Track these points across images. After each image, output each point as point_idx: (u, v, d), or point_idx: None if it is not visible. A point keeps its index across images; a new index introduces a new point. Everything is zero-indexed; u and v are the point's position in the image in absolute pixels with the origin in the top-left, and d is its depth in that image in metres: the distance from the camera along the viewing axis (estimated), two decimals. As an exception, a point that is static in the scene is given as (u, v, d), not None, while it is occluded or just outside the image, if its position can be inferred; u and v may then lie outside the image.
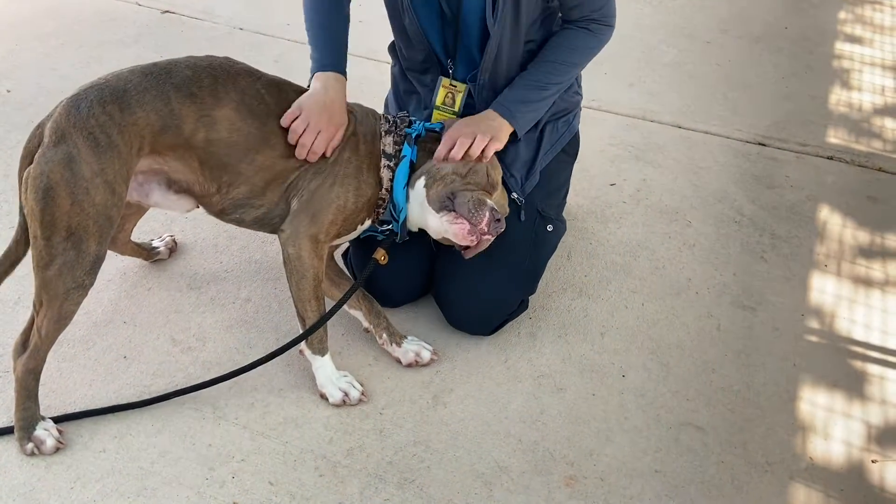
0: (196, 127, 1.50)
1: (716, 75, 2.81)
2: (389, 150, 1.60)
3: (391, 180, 1.59)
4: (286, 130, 1.56)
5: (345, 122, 1.60)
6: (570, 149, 1.88)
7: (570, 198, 2.14)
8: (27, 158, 1.44)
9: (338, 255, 1.86)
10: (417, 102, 1.85)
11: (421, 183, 1.59)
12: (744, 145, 2.44)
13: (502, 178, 1.69)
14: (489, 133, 1.62)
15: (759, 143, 2.44)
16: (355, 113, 1.64)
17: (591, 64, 1.78)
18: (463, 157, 1.59)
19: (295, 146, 1.55)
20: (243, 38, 2.99)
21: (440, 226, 1.57)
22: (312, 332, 1.56)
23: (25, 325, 1.51)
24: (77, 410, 1.54)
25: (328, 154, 1.57)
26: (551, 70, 1.69)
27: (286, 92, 1.61)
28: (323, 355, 1.59)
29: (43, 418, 1.49)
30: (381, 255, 1.62)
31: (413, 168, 1.61)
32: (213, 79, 1.53)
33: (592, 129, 2.47)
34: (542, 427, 1.57)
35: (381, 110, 1.96)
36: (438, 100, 1.76)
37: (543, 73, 1.69)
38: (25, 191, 1.41)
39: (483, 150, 1.60)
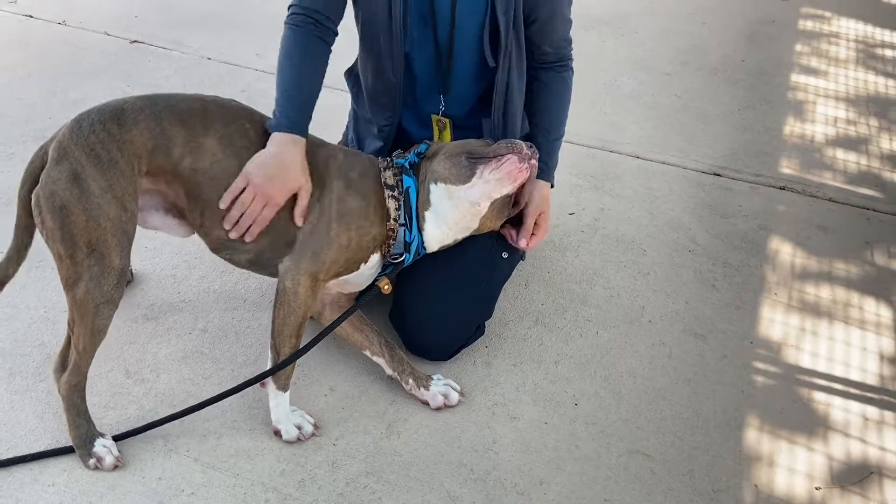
0: (183, 152, 1.51)
1: (674, 107, 2.88)
2: (391, 181, 1.60)
3: (397, 209, 1.59)
4: None
5: (303, 185, 1.54)
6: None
7: (530, 227, 2.19)
8: (28, 180, 1.49)
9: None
10: (377, 133, 1.86)
11: (435, 189, 1.60)
12: (699, 175, 2.50)
13: None
14: (544, 206, 1.77)
15: (715, 174, 2.50)
16: (338, 157, 1.63)
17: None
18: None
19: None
20: (212, 68, 3.02)
21: (483, 190, 1.56)
22: (287, 364, 1.55)
23: (62, 346, 1.57)
24: (31, 453, 1.53)
25: (298, 223, 1.54)
26: (558, 121, 1.83)
27: None
28: (285, 391, 1.59)
29: (101, 435, 1.53)
30: (384, 284, 1.62)
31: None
32: (204, 107, 1.55)
33: (553, 159, 2.52)
34: (494, 456, 1.58)
35: (337, 139, 2.00)
36: (434, 134, 1.83)
37: (553, 127, 1.82)
38: (40, 213, 1.45)
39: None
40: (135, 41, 3.18)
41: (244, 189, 1.52)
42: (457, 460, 1.57)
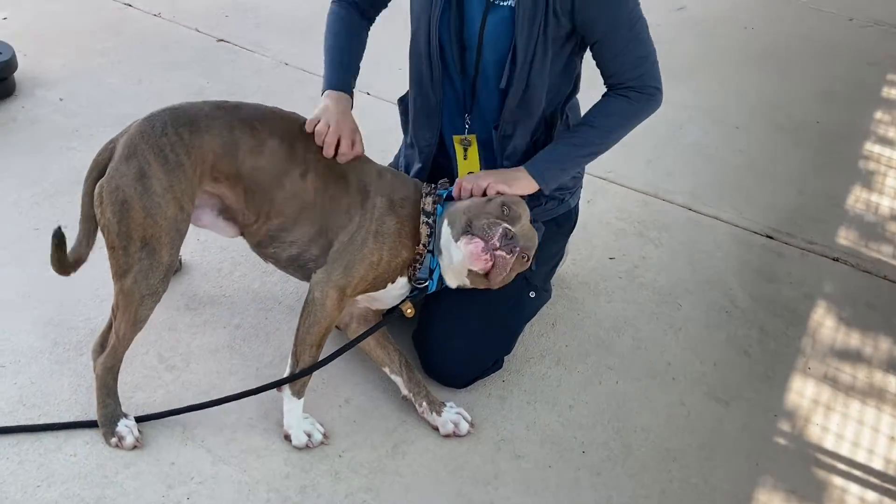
0: (247, 156, 1.61)
1: (736, 162, 2.83)
2: (428, 208, 1.66)
3: (429, 236, 1.64)
4: (307, 149, 1.63)
5: (357, 129, 1.70)
6: (564, 222, 1.93)
7: (567, 266, 2.20)
8: (95, 170, 1.58)
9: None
10: (418, 156, 1.90)
11: (445, 229, 1.63)
12: (750, 235, 2.45)
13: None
14: (504, 181, 1.67)
15: (767, 236, 2.45)
16: (386, 176, 1.70)
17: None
18: (473, 193, 1.66)
19: (308, 170, 1.63)
20: (288, 73, 3.14)
21: (461, 254, 1.57)
22: (305, 374, 1.61)
23: (103, 329, 1.66)
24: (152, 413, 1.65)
25: (347, 158, 1.65)
26: (587, 133, 1.74)
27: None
28: (299, 398, 1.64)
29: (125, 415, 1.61)
30: (407, 307, 1.67)
31: None
32: (273, 114, 1.67)
33: (603, 200, 2.52)
34: (493, 491, 1.60)
35: (388, 161, 2.06)
36: (459, 156, 1.85)
37: (579, 135, 1.75)
38: (101, 204, 1.54)
39: (487, 187, 1.65)
40: (221, 40, 3.33)
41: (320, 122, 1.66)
42: (456, 490, 1.59)
